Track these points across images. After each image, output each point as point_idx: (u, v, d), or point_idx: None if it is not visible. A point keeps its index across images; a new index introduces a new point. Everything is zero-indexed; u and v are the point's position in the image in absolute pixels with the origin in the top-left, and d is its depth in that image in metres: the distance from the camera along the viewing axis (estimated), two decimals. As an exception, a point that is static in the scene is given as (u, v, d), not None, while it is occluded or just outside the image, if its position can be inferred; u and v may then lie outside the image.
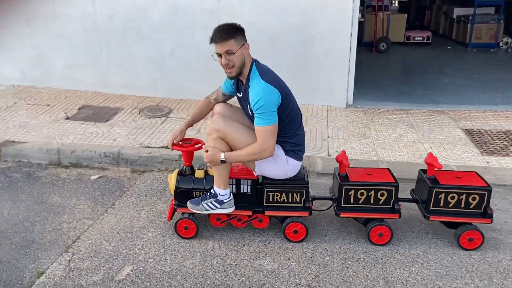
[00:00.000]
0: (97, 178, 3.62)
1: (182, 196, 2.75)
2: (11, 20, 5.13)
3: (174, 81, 5.17)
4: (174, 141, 2.72)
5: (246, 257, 2.62)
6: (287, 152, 2.61)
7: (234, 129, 2.52)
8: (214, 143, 2.52)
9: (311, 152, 3.82)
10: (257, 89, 2.41)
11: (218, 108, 2.76)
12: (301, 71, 4.89)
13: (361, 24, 7.86)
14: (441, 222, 2.76)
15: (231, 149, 2.56)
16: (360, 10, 4.97)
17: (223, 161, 2.49)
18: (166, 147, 3.83)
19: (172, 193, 2.78)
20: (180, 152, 3.07)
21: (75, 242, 2.73)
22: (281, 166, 2.61)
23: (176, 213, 2.80)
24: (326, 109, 4.89)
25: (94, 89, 5.29)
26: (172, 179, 2.78)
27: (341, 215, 2.72)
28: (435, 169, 2.69)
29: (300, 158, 2.68)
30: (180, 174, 2.79)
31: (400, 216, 2.70)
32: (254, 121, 2.46)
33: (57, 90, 5.29)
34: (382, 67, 7.53)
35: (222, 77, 2.67)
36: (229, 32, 2.41)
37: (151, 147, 3.90)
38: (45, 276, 2.43)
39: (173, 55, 5.04)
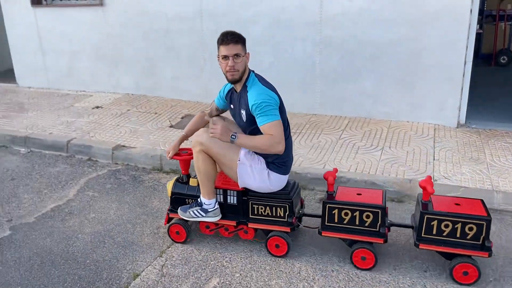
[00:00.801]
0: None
1: (176, 202, 2.90)
2: (131, 35, 5.66)
3: (272, 94, 5.21)
4: (170, 154, 2.87)
5: (334, 284, 2.48)
6: (269, 165, 2.61)
7: (217, 143, 2.54)
8: (197, 156, 2.61)
9: (413, 175, 3.51)
10: (257, 92, 2.50)
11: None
12: (406, 86, 4.56)
13: (478, 36, 7.13)
14: (437, 252, 2.53)
15: (216, 163, 2.65)
16: (478, 20, 4.48)
17: (233, 138, 2.47)
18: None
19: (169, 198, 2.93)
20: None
21: (169, 247, 2.85)
22: (262, 180, 2.62)
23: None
24: (433, 128, 4.49)
25: (197, 99, 5.57)
26: (169, 185, 2.92)
27: (323, 234, 2.65)
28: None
29: (284, 172, 2.66)
30: (177, 181, 2.93)
31: (385, 241, 2.54)
32: (258, 122, 2.49)
33: (164, 99, 5.69)
34: (502, 82, 6.72)
35: (317, 89, 2.59)
36: (240, 37, 2.54)
37: (246, 159, 3.94)
38: (140, 279, 2.56)
39: (272, 68, 5.07)
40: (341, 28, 4.63)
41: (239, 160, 2.60)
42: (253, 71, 2.64)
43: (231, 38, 2.49)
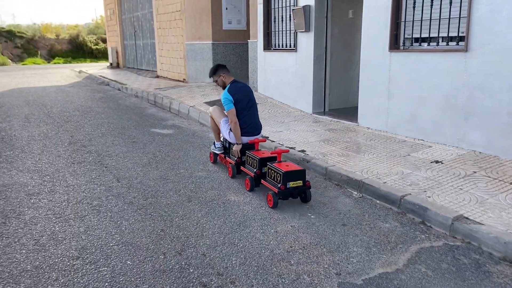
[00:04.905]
0: None
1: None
2: (496, 86, 4.80)
3: None
4: None
5: None
6: (230, 129, 5.00)
7: (215, 113, 5.33)
8: (209, 118, 5.47)
9: None
10: (222, 95, 4.97)
11: None
12: None
13: None
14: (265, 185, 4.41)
15: (215, 122, 5.38)
16: None
17: (237, 144, 5.00)
18: None
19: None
20: None
21: None
22: (227, 135, 5.10)
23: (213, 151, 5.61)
24: None
25: None
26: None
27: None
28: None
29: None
30: None
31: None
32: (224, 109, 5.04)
33: (524, 167, 4.50)
34: None
35: None
36: (209, 73, 5.24)
37: None
38: None
39: None
40: None
41: (220, 123, 5.18)
42: (231, 82, 5.04)
43: (208, 74, 5.30)
